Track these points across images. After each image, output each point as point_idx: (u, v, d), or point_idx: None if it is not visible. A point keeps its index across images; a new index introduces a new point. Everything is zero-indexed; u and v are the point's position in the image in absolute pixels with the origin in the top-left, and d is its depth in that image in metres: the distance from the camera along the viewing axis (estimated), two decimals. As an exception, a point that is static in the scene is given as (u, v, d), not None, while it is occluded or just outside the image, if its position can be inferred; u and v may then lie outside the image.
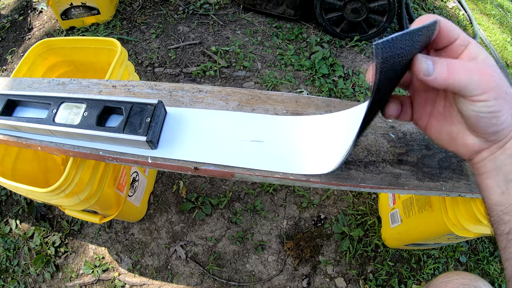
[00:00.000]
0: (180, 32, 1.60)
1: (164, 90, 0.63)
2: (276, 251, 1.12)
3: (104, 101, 0.59)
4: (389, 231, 1.10)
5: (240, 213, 1.17)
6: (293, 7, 1.56)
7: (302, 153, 0.54)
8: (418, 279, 1.13)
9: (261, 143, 0.54)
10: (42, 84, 0.71)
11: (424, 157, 0.60)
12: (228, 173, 0.53)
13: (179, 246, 1.11)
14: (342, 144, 0.49)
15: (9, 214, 1.23)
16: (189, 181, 1.23)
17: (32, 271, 1.12)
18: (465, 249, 1.21)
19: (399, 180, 0.57)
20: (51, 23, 1.72)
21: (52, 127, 0.59)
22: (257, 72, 1.47)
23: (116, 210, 0.91)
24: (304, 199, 1.21)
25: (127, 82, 0.68)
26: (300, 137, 0.55)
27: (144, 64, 1.49)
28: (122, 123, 0.56)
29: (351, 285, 1.09)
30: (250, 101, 0.60)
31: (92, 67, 1.00)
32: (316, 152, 0.53)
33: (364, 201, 1.22)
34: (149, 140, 0.53)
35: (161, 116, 0.57)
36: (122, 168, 0.91)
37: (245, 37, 1.59)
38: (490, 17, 2.14)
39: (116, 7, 1.67)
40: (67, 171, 0.67)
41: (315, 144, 0.54)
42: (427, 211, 0.89)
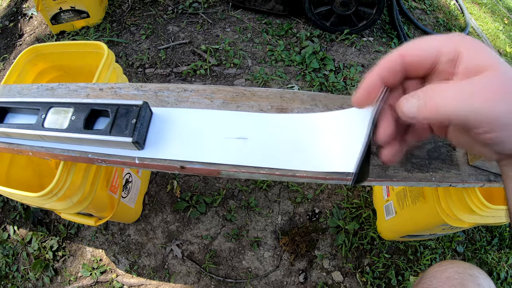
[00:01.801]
0: (170, 32, 1.59)
1: (150, 91, 0.64)
2: (272, 247, 1.13)
3: (91, 104, 0.59)
4: (384, 223, 1.11)
5: (234, 211, 1.18)
6: (282, 3, 1.56)
7: (287, 149, 0.54)
8: (415, 271, 1.13)
9: (246, 140, 0.55)
10: (31, 90, 0.72)
11: (412, 148, 0.60)
12: (214, 171, 0.54)
13: (175, 246, 1.12)
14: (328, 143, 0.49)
15: (7, 220, 1.23)
16: (183, 180, 1.23)
17: (32, 276, 1.12)
18: (462, 239, 1.22)
19: (387, 172, 0.57)
20: (42, 28, 1.71)
21: (41, 132, 0.59)
22: (248, 69, 1.47)
23: (111, 211, 0.91)
24: (298, 194, 1.21)
25: (113, 85, 0.68)
26: (284, 133, 0.55)
27: (134, 66, 1.49)
28: (109, 125, 0.56)
29: (348, 278, 1.10)
30: (234, 98, 0.60)
31: (81, 71, 1.00)
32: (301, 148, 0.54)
33: (358, 194, 1.23)
34: (135, 141, 0.54)
35: (146, 117, 0.57)
36: (114, 170, 0.91)
37: (235, 35, 1.59)
38: (482, 6, 2.14)
39: (106, 10, 1.67)
40: (58, 175, 0.68)
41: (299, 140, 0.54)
42: (420, 202, 0.90)
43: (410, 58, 0.29)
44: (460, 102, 0.25)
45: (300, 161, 0.54)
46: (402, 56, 0.29)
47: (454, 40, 0.28)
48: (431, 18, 1.88)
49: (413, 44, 0.29)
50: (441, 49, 0.28)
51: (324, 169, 0.54)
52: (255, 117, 0.57)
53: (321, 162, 0.54)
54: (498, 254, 1.22)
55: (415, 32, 1.77)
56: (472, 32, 1.90)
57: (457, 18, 1.95)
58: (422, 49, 0.29)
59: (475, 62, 0.26)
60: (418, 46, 0.29)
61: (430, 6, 1.94)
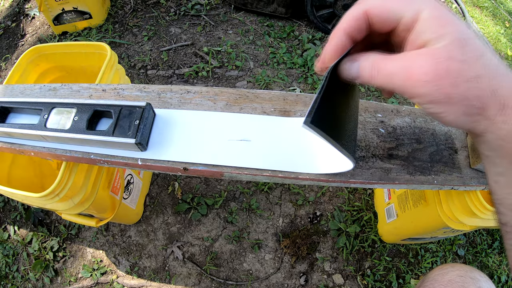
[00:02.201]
0: (172, 34, 1.60)
1: (153, 92, 0.64)
2: (273, 249, 1.13)
3: (94, 105, 0.59)
4: (385, 226, 1.11)
5: (235, 213, 1.17)
6: (284, 5, 1.56)
7: (290, 151, 0.54)
8: (416, 274, 1.13)
9: (248, 142, 0.55)
10: (34, 90, 0.72)
11: (414, 151, 0.60)
12: (218, 173, 0.54)
13: (176, 247, 1.12)
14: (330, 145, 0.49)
15: (7, 220, 1.23)
16: (184, 182, 1.23)
17: (32, 277, 1.12)
18: (462, 242, 1.21)
19: (389, 174, 0.57)
20: (44, 28, 1.72)
21: (43, 133, 0.59)
22: (250, 71, 1.48)
23: (112, 213, 0.91)
24: (299, 196, 1.21)
25: (116, 86, 0.68)
26: (286, 135, 0.55)
27: (137, 67, 1.49)
28: (112, 126, 0.56)
29: (349, 281, 1.10)
30: (238, 100, 0.60)
31: (83, 71, 1.00)
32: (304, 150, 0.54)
33: (359, 197, 1.22)
34: (138, 142, 0.54)
35: (149, 118, 0.57)
36: (116, 171, 0.91)
37: (237, 37, 1.59)
38: (483, 9, 2.15)
39: (108, 11, 1.68)
40: (60, 176, 0.68)
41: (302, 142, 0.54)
42: (422, 205, 0.90)
43: (374, 18, 0.30)
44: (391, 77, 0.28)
45: (303, 164, 0.54)
46: (367, 14, 0.30)
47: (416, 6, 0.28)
48: (433, 22, 1.88)
49: (379, 1, 0.29)
50: (403, 14, 0.28)
51: (327, 171, 0.54)
52: (258, 119, 0.57)
53: (323, 164, 0.54)
54: (499, 257, 1.22)
55: (417, 35, 1.77)
56: (473, 35, 1.90)
57: (459, 21, 1.95)
58: (386, 10, 0.29)
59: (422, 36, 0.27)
60: (384, 5, 0.29)
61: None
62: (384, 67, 0.29)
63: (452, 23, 0.27)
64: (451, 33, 0.26)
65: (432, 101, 0.27)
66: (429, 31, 0.27)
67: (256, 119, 0.57)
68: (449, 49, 0.26)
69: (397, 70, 0.28)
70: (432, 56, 0.26)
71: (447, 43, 0.26)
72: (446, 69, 0.26)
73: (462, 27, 0.27)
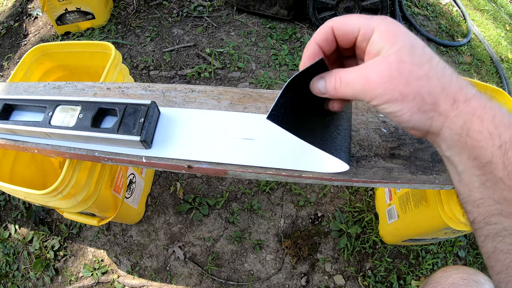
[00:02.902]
0: (174, 35, 1.60)
1: (158, 91, 0.64)
2: (274, 250, 1.13)
3: (98, 103, 0.60)
4: (386, 227, 1.11)
5: (237, 213, 1.18)
6: (286, 8, 1.57)
7: (293, 150, 0.55)
8: (417, 275, 1.13)
9: (252, 141, 0.55)
10: (38, 88, 0.72)
11: (416, 151, 0.60)
12: (221, 171, 0.54)
13: (177, 247, 1.12)
14: None
15: (8, 219, 1.23)
16: (186, 182, 1.23)
17: (32, 276, 1.12)
18: (463, 244, 1.21)
19: (391, 174, 0.58)
20: (47, 28, 1.72)
21: (48, 130, 0.60)
22: (252, 72, 1.48)
23: (114, 212, 0.91)
24: (301, 197, 1.21)
25: (121, 84, 0.68)
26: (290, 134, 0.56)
27: (139, 68, 1.49)
28: (117, 124, 0.57)
29: (350, 282, 1.10)
30: (242, 99, 0.60)
31: (87, 71, 1.01)
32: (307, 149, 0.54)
33: (361, 198, 1.23)
34: (143, 139, 0.54)
35: (154, 116, 0.58)
36: (118, 170, 0.91)
37: (239, 38, 1.60)
38: (484, 13, 2.16)
39: (111, 12, 1.68)
40: (63, 173, 0.68)
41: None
42: (423, 205, 0.90)
43: (337, 31, 0.34)
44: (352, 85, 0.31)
45: (306, 162, 0.54)
46: (332, 28, 0.34)
47: (372, 22, 0.32)
48: (434, 24, 1.89)
49: (342, 19, 0.34)
50: (360, 28, 0.32)
51: (330, 170, 0.54)
52: (262, 118, 0.58)
53: (326, 163, 0.54)
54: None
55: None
56: (474, 38, 1.91)
57: (460, 24, 1.96)
58: (347, 25, 0.33)
59: (376, 46, 0.31)
60: (345, 21, 0.34)
61: (433, 12, 1.95)
62: (346, 78, 0.32)
63: (403, 34, 0.30)
64: (401, 41, 0.30)
65: (388, 100, 0.30)
66: (382, 41, 0.31)
67: (260, 118, 0.58)
68: (400, 54, 0.29)
69: (357, 78, 0.31)
70: (386, 61, 0.30)
71: (398, 49, 0.30)
72: (398, 70, 0.29)
73: (412, 37, 0.30)
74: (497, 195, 0.27)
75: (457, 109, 0.29)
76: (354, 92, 0.32)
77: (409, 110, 0.30)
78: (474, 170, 0.29)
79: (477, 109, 0.28)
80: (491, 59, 1.83)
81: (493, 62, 1.82)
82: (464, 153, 0.29)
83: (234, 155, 0.54)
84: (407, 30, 0.31)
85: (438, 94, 0.29)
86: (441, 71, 0.30)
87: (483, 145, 0.27)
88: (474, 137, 0.28)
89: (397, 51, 0.30)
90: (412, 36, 0.31)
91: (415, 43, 0.30)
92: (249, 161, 0.54)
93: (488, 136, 0.27)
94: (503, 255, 0.28)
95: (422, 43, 0.31)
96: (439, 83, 0.29)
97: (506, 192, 0.26)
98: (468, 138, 0.28)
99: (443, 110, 0.29)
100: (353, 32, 0.33)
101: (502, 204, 0.27)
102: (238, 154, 0.54)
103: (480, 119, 0.28)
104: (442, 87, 0.29)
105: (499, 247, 0.28)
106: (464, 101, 0.29)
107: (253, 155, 0.54)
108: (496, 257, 0.28)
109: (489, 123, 0.27)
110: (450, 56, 1.76)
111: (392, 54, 0.30)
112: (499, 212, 0.27)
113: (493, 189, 0.28)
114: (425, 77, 0.29)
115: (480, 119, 0.28)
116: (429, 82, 0.29)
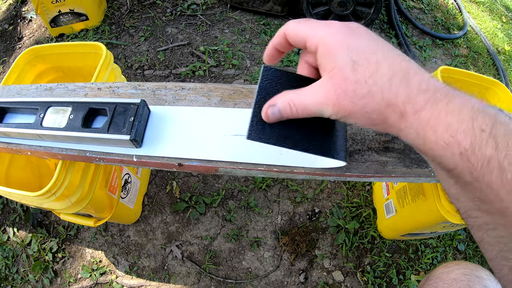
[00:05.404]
0: (168, 34, 1.60)
1: (148, 90, 0.64)
2: (272, 247, 1.13)
3: (89, 103, 0.59)
4: (384, 222, 1.11)
5: (234, 211, 1.17)
6: (280, 4, 1.57)
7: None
8: (416, 269, 1.13)
9: (243, 137, 0.55)
10: (30, 90, 0.72)
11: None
12: (212, 168, 0.54)
13: (175, 246, 1.12)
14: None
15: (6, 222, 1.23)
16: (182, 181, 1.23)
17: (31, 278, 1.12)
18: (463, 237, 1.21)
19: (385, 167, 0.57)
20: (41, 31, 1.72)
21: (39, 131, 0.60)
22: (247, 69, 1.48)
23: (110, 212, 0.91)
24: (297, 193, 1.21)
25: (112, 84, 0.68)
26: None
27: (133, 67, 1.49)
28: (107, 123, 0.56)
29: (349, 278, 1.10)
30: (232, 96, 0.60)
31: (80, 72, 1.00)
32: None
33: (358, 193, 1.22)
34: (133, 138, 0.54)
35: (144, 115, 0.57)
36: (113, 170, 0.91)
37: (233, 36, 1.59)
38: (480, 5, 2.15)
39: (105, 12, 1.68)
40: (56, 174, 0.68)
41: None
42: (420, 199, 0.90)
43: (289, 38, 0.35)
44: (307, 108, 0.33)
45: (298, 158, 0.54)
46: (285, 34, 0.36)
47: (318, 33, 0.32)
48: (429, 17, 1.88)
49: (294, 25, 0.35)
50: (306, 40, 0.33)
51: (322, 165, 0.54)
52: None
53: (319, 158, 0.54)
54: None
55: (413, 31, 1.77)
56: (470, 30, 1.90)
57: (455, 17, 1.95)
58: (296, 34, 0.34)
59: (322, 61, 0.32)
60: (296, 29, 0.34)
61: (428, 5, 1.94)
62: (299, 102, 0.33)
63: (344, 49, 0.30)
64: (342, 58, 0.30)
65: (342, 116, 0.31)
66: (326, 56, 0.31)
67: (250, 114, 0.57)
68: (343, 71, 0.30)
69: (309, 101, 0.32)
70: (331, 82, 0.30)
71: (340, 68, 0.30)
72: (343, 90, 0.30)
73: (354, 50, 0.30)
74: (470, 194, 0.27)
75: (406, 121, 0.28)
76: (310, 113, 0.33)
77: (361, 123, 0.31)
78: (443, 172, 0.29)
79: (429, 120, 0.27)
80: (487, 51, 1.82)
81: (490, 54, 1.81)
82: (428, 158, 0.30)
83: (224, 151, 0.54)
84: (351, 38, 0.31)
85: (383, 110, 0.29)
86: (386, 84, 0.28)
87: (442, 154, 0.27)
88: (430, 147, 0.27)
89: (340, 70, 0.30)
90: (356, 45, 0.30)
91: (358, 55, 0.30)
92: (240, 158, 0.53)
93: (445, 145, 0.26)
94: (489, 246, 0.28)
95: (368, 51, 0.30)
96: (383, 99, 0.28)
97: (478, 193, 0.26)
98: (425, 147, 0.28)
99: (393, 123, 0.29)
100: (301, 41, 0.34)
101: (477, 202, 0.27)
102: (229, 150, 0.54)
103: (433, 130, 0.27)
104: (386, 103, 0.29)
105: (485, 238, 0.28)
106: (414, 113, 0.28)
107: (244, 151, 0.54)
108: (483, 246, 0.28)
109: (444, 132, 0.26)
110: (446, 49, 1.75)
111: (336, 73, 0.30)
112: (477, 208, 0.27)
113: (465, 190, 0.27)
114: (368, 95, 0.29)
115: (433, 130, 0.27)
116: (373, 99, 0.29)
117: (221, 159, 0.53)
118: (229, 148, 0.54)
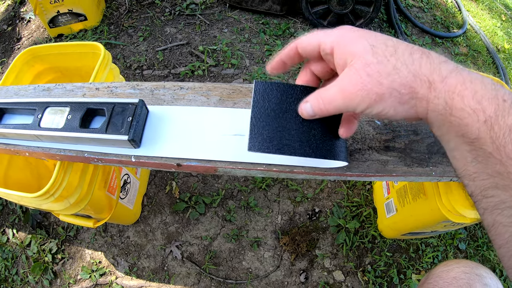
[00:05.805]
0: (167, 34, 1.59)
1: (146, 90, 0.63)
2: (272, 247, 1.12)
3: (86, 103, 0.59)
4: (385, 221, 1.10)
5: (234, 211, 1.17)
6: (279, 3, 1.56)
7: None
8: (417, 269, 1.13)
9: (242, 136, 0.54)
10: (28, 91, 0.72)
11: (412, 143, 0.60)
12: (211, 168, 0.53)
13: (175, 247, 1.11)
14: None
15: (6, 223, 1.23)
16: (182, 181, 1.23)
17: (31, 279, 1.12)
18: (464, 236, 1.21)
19: (386, 167, 0.57)
20: (40, 32, 1.72)
21: (37, 132, 0.59)
22: (246, 69, 1.47)
23: (109, 213, 0.90)
24: (298, 193, 1.21)
25: (110, 84, 0.68)
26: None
27: (132, 67, 1.49)
28: (105, 123, 0.56)
29: (350, 277, 1.09)
30: (231, 95, 0.60)
31: (78, 72, 1.00)
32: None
33: (358, 192, 1.22)
34: (131, 139, 0.54)
35: (142, 115, 0.57)
36: (112, 171, 0.91)
37: (232, 35, 1.59)
38: (479, 3, 2.14)
39: (103, 12, 1.67)
40: (54, 175, 0.67)
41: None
42: (421, 198, 0.89)
43: (301, 48, 0.37)
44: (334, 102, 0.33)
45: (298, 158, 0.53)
46: (297, 46, 0.37)
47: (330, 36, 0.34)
48: (429, 16, 1.88)
49: (305, 37, 0.36)
50: (320, 44, 0.34)
51: (322, 165, 0.53)
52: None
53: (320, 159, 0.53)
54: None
55: (413, 30, 1.77)
56: (470, 29, 1.90)
57: (455, 15, 1.95)
58: (308, 42, 0.36)
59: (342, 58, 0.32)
60: (307, 39, 0.36)
61: (428, 4, 1.94)
62: (326, 96, 0.34)
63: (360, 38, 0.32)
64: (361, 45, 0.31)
65: (369, 104, 0.31)
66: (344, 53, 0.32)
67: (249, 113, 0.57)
68: (364, 58, 0.31)
69: (335, 94, 0.33)
70: (353, 69, 0.31)
71: (361, 54, 0.31)
72: (368, 74, 0.30)
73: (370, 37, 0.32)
74: (490, 169, 0.27)
75: (435, 90, 0.29)
76: (338, 107, 0.33)
77: (391, 106, 0.31)
78: (464, 146, 0.29)
79: (456, 86, 0.28)
80: (487, 50, 1.82)
81: (490, 53, 1.81)
82: (452, 131, 0.30)
83: (224, 151, 0.53)
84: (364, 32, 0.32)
85: (411, 82, 0.29)
86: (408, 59, 0.30)
87: (468, 122, 0.27)
88: (457, 115, 0.28)
89: (360, 56, 0.31)
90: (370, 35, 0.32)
91: (375, 41, 0.31)
92: (239, 157, 0.53)
93: (472, 112, 0.27)
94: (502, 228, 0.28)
95: (382, 38, 0.31)
96: (409, 71, 0.29)
97: (498, 166, 0.26)
98: (452, 117, 0.29)
99: (422, 95, 0.30)
100: (314, 48, 0.35)
101: (496, 178, 0.27)
102: (228, 150, 0.53)
103: (460, 96, 0.28)
104: (413, 75, 0.29)
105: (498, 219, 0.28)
106: (441, 81, 0.29)
107: (243, 151, 0.53)
108: (496, 230, 0.28)
109: (471, 99, 0.27)
110: (446, 47, 1.75)
111: (357, 60, 0.31)
112: (495, 185, 0.27)
113: (485, 163, 0.28)
114: (394, 70, 0.30)
115: (461, 96, 0.28)
116: (399, 74, 0.30)
117: (220, 159, 0.53)
118: (228, 147, 0.54)
